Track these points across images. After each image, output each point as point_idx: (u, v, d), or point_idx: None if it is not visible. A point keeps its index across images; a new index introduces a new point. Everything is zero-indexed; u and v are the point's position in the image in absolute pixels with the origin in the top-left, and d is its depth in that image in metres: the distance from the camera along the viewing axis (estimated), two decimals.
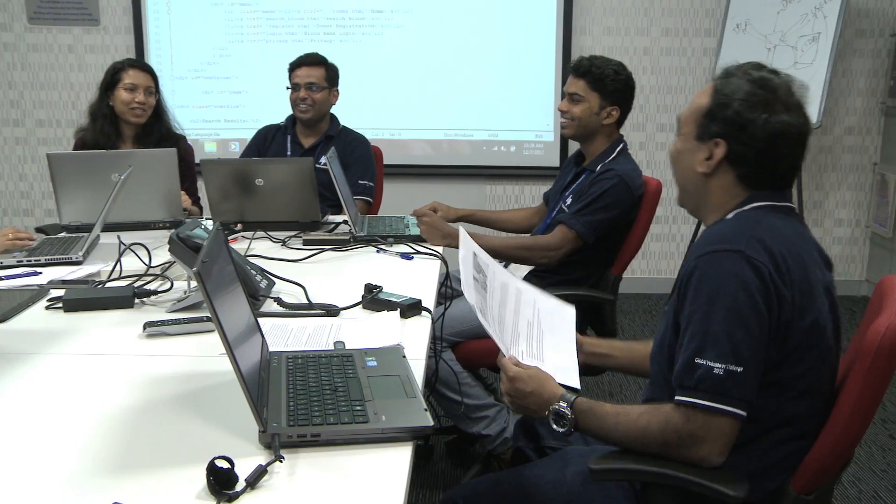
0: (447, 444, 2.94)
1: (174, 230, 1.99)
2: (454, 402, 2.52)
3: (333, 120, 3.51)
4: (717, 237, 1.41)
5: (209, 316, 1.81)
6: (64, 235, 2.78)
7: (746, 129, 1.43)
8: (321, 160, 3.24)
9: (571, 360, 1.70)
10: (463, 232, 1.78)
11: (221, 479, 1.12)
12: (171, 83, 4.76)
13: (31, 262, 2.41)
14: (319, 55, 3.43)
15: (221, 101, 4.82)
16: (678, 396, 1.36)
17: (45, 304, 2.04)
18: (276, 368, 1.50)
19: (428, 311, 1.96)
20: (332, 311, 1.94)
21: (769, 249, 1.36)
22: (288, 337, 1.77)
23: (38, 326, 1.90)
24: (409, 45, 4.70)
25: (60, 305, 2.00)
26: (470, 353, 2.54)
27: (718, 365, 1.32)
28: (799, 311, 1.37)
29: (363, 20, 4.69)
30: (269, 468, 1.17)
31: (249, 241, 2.72)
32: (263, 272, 2.14)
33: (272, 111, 3.69)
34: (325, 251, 2.60)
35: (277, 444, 1.22)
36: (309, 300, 2.02)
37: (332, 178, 2.73)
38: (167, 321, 1.83)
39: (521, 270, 2.85)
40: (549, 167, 4.67)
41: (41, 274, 2.32)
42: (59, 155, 2.89)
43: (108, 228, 2.64)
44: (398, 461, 1.24)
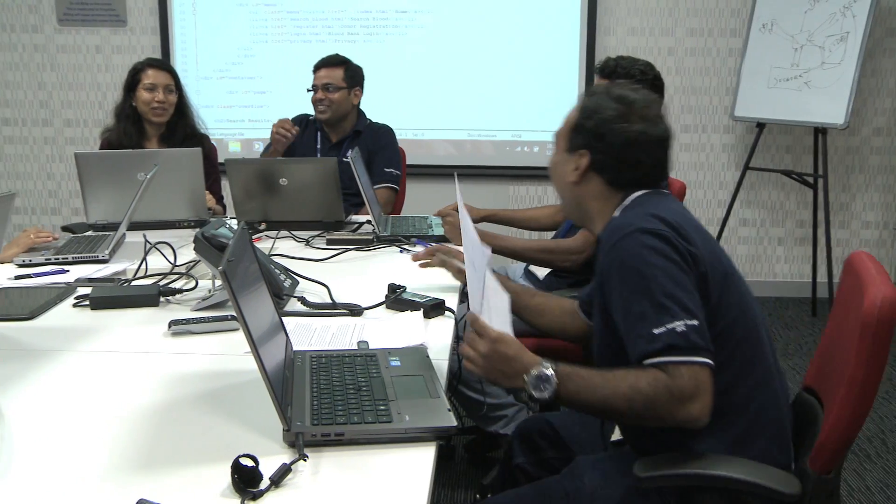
0: (465, 446, 2.93)
1: (199, 229, 2.00)
2: (476, 401, 2.51)
3: (361, 116, 3.51)
4: (613, 230, 1.49)
5: (233, 314, 1.83)
6: (91, 234, 2.80)
7: (605, 138, 1.56)
8: (347, 154, 3.26)
9: None
10: (461, 207, 1.83)
11: (246, 477, 1.13)
12: (196, 83, 4.79)
13: (58, 259, 2.43)
14: (339, 56, 3.44)
15: (246, 101, 4.85)
16: (658, 358, 1.35)
17: (72, 301, 2.06)
18: (300, 367, 1.51)
19: (451, 311, 1.96)
20: (355, 310, 1.95)
21: (662, 218, 1.45)
22: (312, 336, 1.77)
23: (65, 324, 1.92)
24: (432, 45, 4.70)
25: (87, 303, 2.02)
26: None
27: (678, 323, 1.35)
28: (709, 263, 1.45)
29: (387, 20, 4.70)
30: (293, 467, 1.17)
31: (273, 240, 2.73)
32: (287, 271, 2.15)
33: (296, 111, 3.69)
34: (348, 251, 2.61)
35: (301, 442, 1.22)
36: (333, 300, 2.02)
37: (355, 176, 2.73)
38: (192, 319, 1.84)
39: (541, 270, 2.84)
40: None
41: (68, 272, 2.34)
42: (86, 154, 2.93)
43: (133, 227, 2.66)
44: (421, 461, 1.24)
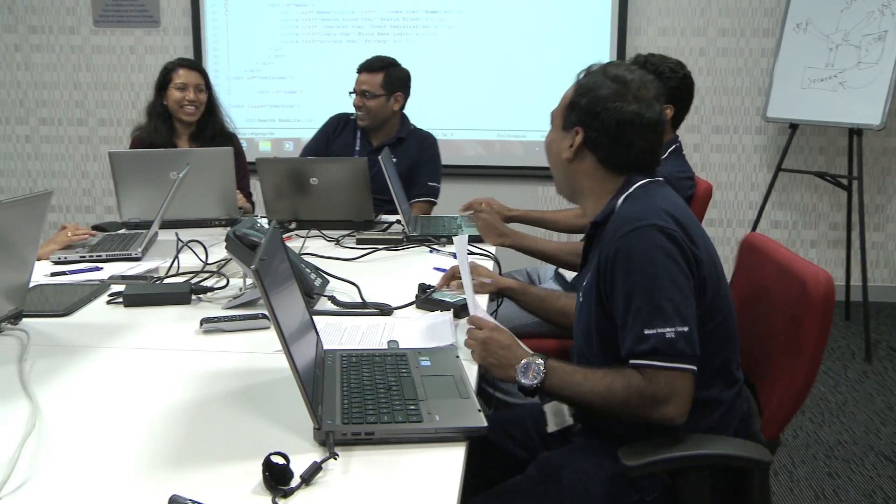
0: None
1: (231, 228, 2.02)
2: (502, 402, 2.50)
3: (405, 121, 3.45)
4: (627, 218, 1.50)
5: (264, 313, 1.84)
6: (124, 232, 2.84)
7: (599, 116, 1.57)
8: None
9: None
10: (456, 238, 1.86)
11: (277, 474, 1.13)
12: (227, 83, 4.83)
13: (92, 257, 2.47)
14: (381, 60, 3.35)
15: (276, 100, 4.88)
16: (639, 360, 1.42)
17: (106, 298, 2.08)
18: (330, 366, 1.51)
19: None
20: (385, 310, 1.95)
21: (674, 217, 1.48)
22: (342, 335, 1.78)
23: (99, 320, 1.94)
24: (462, 45, 4.70)
25: (121, 300, 2.04)
26: None
27: (668, 329, 1.40)
28: (708, 266, 1.50)
29: (417, 20, 4.71)
30: (323, 465, 1.17)
31: (304, 239, 2.74)
32: (318, 270, 2.15)
33: (326, 111, 3.71)
34: (378, 250, 2.62)
35: (332, 441, 1.22)
36: (363, 299, 2.03)
37: (385, 178, 2.74)
38: (223, 318, 1.85)
39: (571, 274, 2.82)
40: None
41: (102, 269, 2.37)
42: (120, 153, 2.96)
43: (165, 225, 2.69)
44: (451, 461, 1.23)
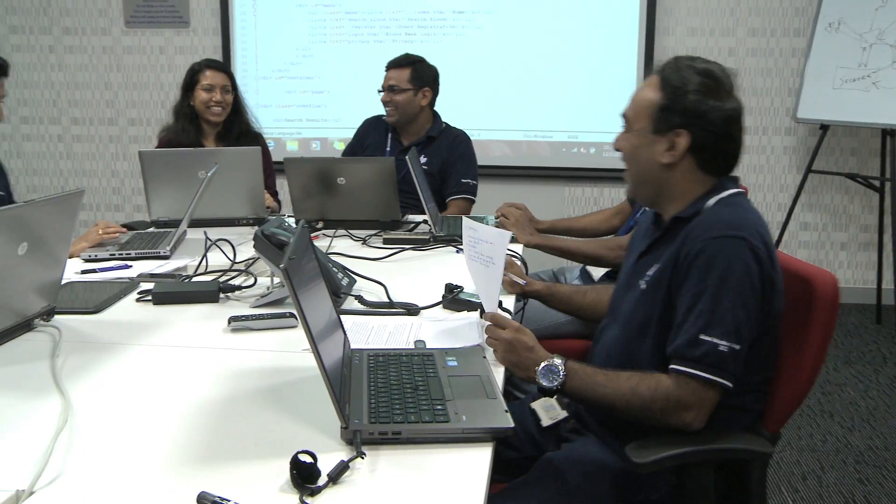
0: None
1: (259, 227, 2.03)
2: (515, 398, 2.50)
3: (436, 119, 3.47)
4: (721, 223, 1.48)
5: (292, 312, 1.85)
6: (153, 230, 2.86)
7: (706, 116, 1.52)
8: (420, 159, 3.28)
9: None
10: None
11: (305, 473, 1.13)
12: (255, 83, 4.86)
13: (122, 255, 2.49)
14: (409, 56, 3.40)
15: (304, 100, 4.90)
16: (677, 366, 1.44)
17: (135, 296, 2.11)
18: (357, 366, 1.51)
19: (508, 311, 1.95)
20: (412, 310, 1.95)
21: (763, 238, 1.48)
22: (369, 335, 1.78)
23: (129, 318, 1.96)
24: (489, 45, 4.69)
25: (150, 298, 2.06)
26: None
27: (723, 343, 1.41)
28: (780, 293, 1.51)
29: (444, 21, 4.71)
30: (350, 464, 1.18)
31: (331, 238, 2.75)
32: (345, 270, 2.16)
33: (353, 111, 3.73)
34: (404, 250, 2.62)
35: (359, 440, 1.23)
36: (390, 299, 2.03)
37: (412, 177, 2.74)
38: (251, 316, 1.86)
39: (598, 270, 2.81)
40: None
41: (131, 267, 2.39)
42: (150, 152, 2.99)
43: (194, 224, 2.71)
44: (478, 462, 1.23)
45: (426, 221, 2.87)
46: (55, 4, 5.00)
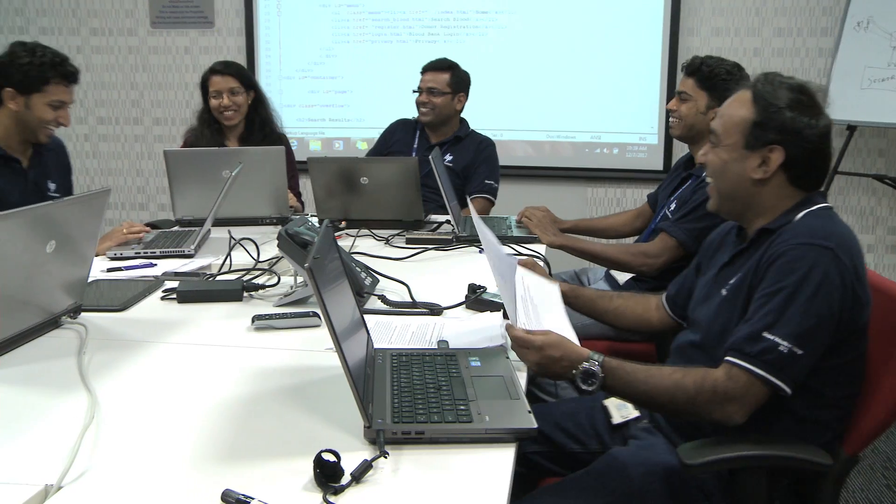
0: None
1: (282, 226, 2.04)
2: (539, 399, 2.49)
3: (463, 123, 3.56)
4: (810, 232, 1.48)
5: (315, 311, 1.86)
6: (177, 229, 2.88)
7: (801, 133, 1.53)
8: (446, 157, 3.33)
9: (572, 332, 1.66)
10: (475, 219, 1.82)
11: (328, 471, 1.14)
12: (279, 83, 4.89)
13: (147, 253, 2.51)
14: (447, 61, 3.48)
15: (327, 100, 4.91)
16: (732, 358, 1.44)
17: (160, 294, 2.12)
18: (380, 365, 1.52)
19: None
20: (435, 309, 1.95)
21: (851, 252, 1.47)
22: (392, 334, 1.79)
23: (154, 316, 1.98)
24: (512, 45, 4.68)
25: (174, 296, 2.08)
26: None
27: (785, 343, 1.41)
28: (864, 308, 1.49)
29: (467, 21, 4.70)
30: (373, 463, 1.18)
31: (354, 238, 2.76)
32: (368, 269, 2.17)
33: (376, 111, 3.74)
34: (427, 250, 2.62)
35: (382, 440, 1.23)
36: (413, 298, 2.03)
37: (436, 177, 2.74)
38: (275, 315, 1.87)
39: (622, 276, 2.80)
40: (652, 170, 4.58)
41: (156, 266, 2.41)
42: (175, 152, 3.01)
43: (217, 223, 2.73)
44: (501, 462, 1.23)
45: (449, 221, 2.87)
46: (83, 6, 5.05)
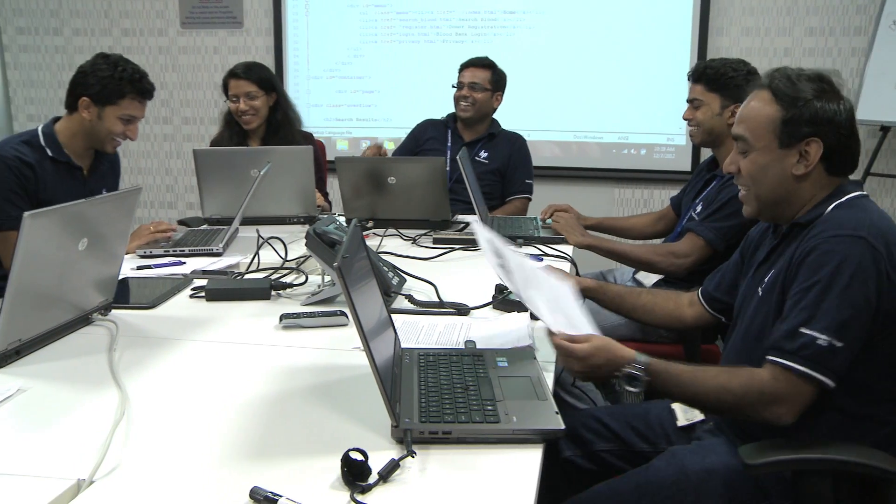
0: None
1: (310, 226, 2.04)
2: (574, 407, 2.48)
3: (494, 121, 3.58)
4: (839, 224, 1.47)
5: (342, 311, 1.86)
6: (205, 228, 2.91)
7: (833, 120, 1.52)
8: (482, 153, 3.34)
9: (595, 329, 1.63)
10: (475, 225, 1.79)
11: (356, 470, 1.14)
12: (306, 82, 4.91)
13: (176, 252, 2.54)
14: (488, 59, 3.52)
15: (354, 100, 4.93)
16: (774, 357, 1.43)
17: (189, 292, 2.14)
18: (407, 365, 1.52)
19: None
20: (462, 309, 1.95)
21: (886, 238, 1.45)
22: (419, 334, 1.79)
23: (183, 314, 1.99)
24: (540, 45, 4.67)
25: (203, 294, 2.09)
26: None
27: (823, 337, 1.39)
28: None
29: (495, 21, 4.70)
30: (401, 463, 1.18)
31: (381, 238, 2.77)
32: (395, 269, 2.17)
33: (403, 111, 3.74)
34: (454, 250, 2.62)
35: (410, 439, 1.23)
36: (440, 298, 2.03)
37: (463, 177, 2.74)
38: (302, 314, 1.88)
39: (650, 278, 2.78)
40: (679, 171, 4.54)
41: (185, 264, 2.43)
42: (204, 150, 3.03)
43: (245, 222, 2.75)
44: (528, 463, 1.23)
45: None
46: (115, 7, 5.11)
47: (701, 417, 1.74)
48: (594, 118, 4.69)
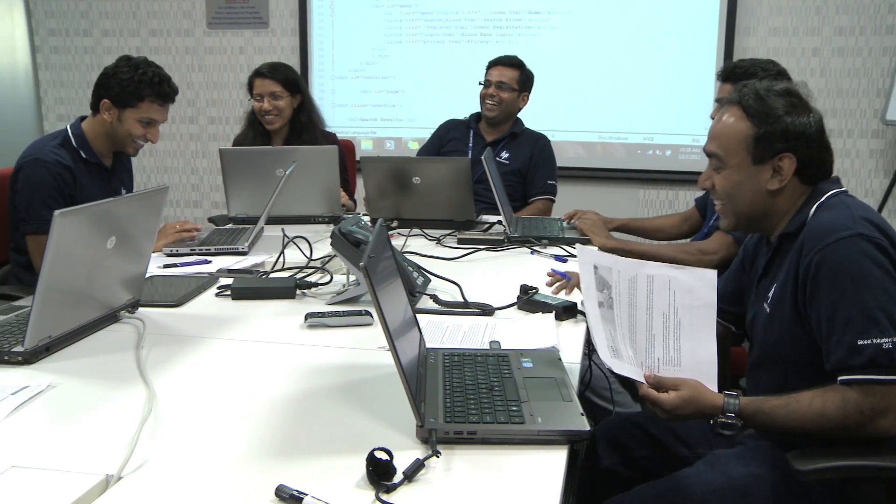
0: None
1: (336, 225, 2.05)
2: (603, 409, 2.47)
3: (518, 120, 3.57)
4: (827, 229, 1.46)
5: (367, 310, 1.87)
6: (231, 227, 2.92)
7: (804, 133, 1.54)
8: (503, 154, 3.34)
9: (710, 347, 1.52)
10: (579, 248, 1.67)
11: (381, 470, 1.14)
12: (331, 83, 4.93)
13: (202, 250, 2.55)
14: (517, 58, 3.50)
15: (378, 100, 4.94)
16: (852, 376, 1.40)
17: (214, 291, 2.15)
18: (432, 365, 1.52)
19: (584, 314, 1.92)
20: (487, 310, 1.95)
21: (877, 225, 1.46)
22: (443, 334, 1.79)
23: (209, 312, 2.01)
24: (565, 45, 4.66)
25: (228, 293, 2.11)
26: None
27: (885, 340, 1.38)
28: None
29: (520, 21, 4.69)
30: (425, 463, 1.18)
31: (405, 237, 2.77)
32: (420, 269, 2.17)
33: (427, 111, 3.74)
34: (479, 250, 2.62)
35: (434, 439, 1.23)
36: (465, 298, 2.03)
37: (487, 177, 2.74)
38: (327, 313, 1.89)
39: None
40: None
41: (211, 262, 2.45)
42: (230, 150, 3.05)
43: (270, 221, 2.76)
44: (553, 464, 1.22)
45: (501, 222, 2.87)
46: (143, 8, 5.16)
47: (739, 423, 1.71)
48: (619, 119, 4.67)
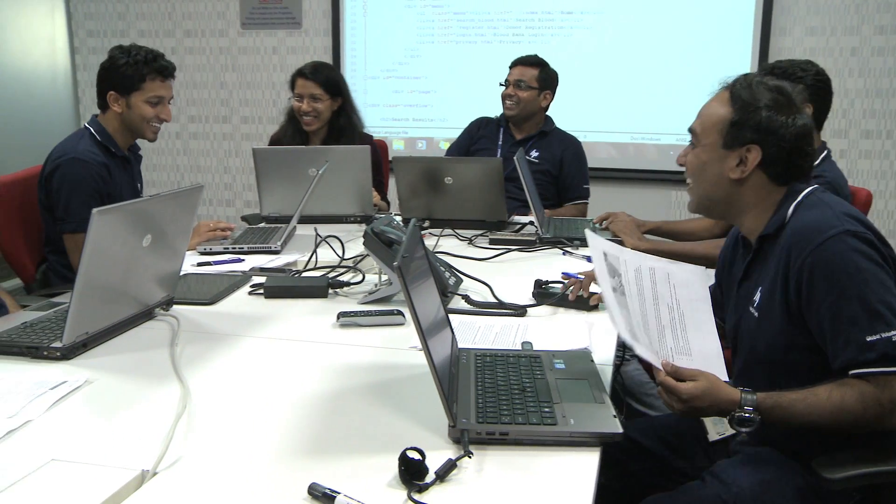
0: None
1: (368, 225, 2.06)
2: (637, 412, 2.45)
3: (548, 119, 3.55)
4: (813, 229, 1.46)
5: (399, 310, 1.87)
6: (264, 226, 2.95)
7: (777, 132, 1.52)
8: (532, 153, 3.33)
9: (714, 340, 1.59)
10: (589, 233, 1.66)
11: (413, 469, 1.14)
12: (363, 83, 4.95)
13: (235, 249, 2.57)
14: (538, 57, 3.49)
15: (410, 100, 4.95)
16: (867, 370, 1.38)
17: (247, 289, 2.17)
18: (465, 365, 1.52)
19: (594, 307, 1.92)
20: (519, 311, 1.94)
21: (859, 219, 1.46)
22: (475, 334, 1.79)
23: (242, 310, 2.02)
24: (597, 46, 4.63)
25: (261, 292, 2.12)
26: None
27: (893, 332, 1.37)
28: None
29: (552, 21, 4.67)
30: (458, 463, 1.18)
31: (437, 238, 2.77)
32: (452, 269, 2.17)
33: (459, 111, 3.73)
34: (511, 251, 2.61)
35: (467, 439, 1.23)
36: (497, 299, 2.03)
37: (519, 176, 2.73)
38: (360, 312, 1.89)
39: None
40: None
41: (244, 261, 2.47)
42: (263, 149, 3.07)
43: (303, 220, 2.78)
44: (586, 466, 1.22)
45: (532, 222, 2.86)
46: (179, 9, 5.22)
47: (732, 431, 1.65)
48: (651, 119, 4.63)
